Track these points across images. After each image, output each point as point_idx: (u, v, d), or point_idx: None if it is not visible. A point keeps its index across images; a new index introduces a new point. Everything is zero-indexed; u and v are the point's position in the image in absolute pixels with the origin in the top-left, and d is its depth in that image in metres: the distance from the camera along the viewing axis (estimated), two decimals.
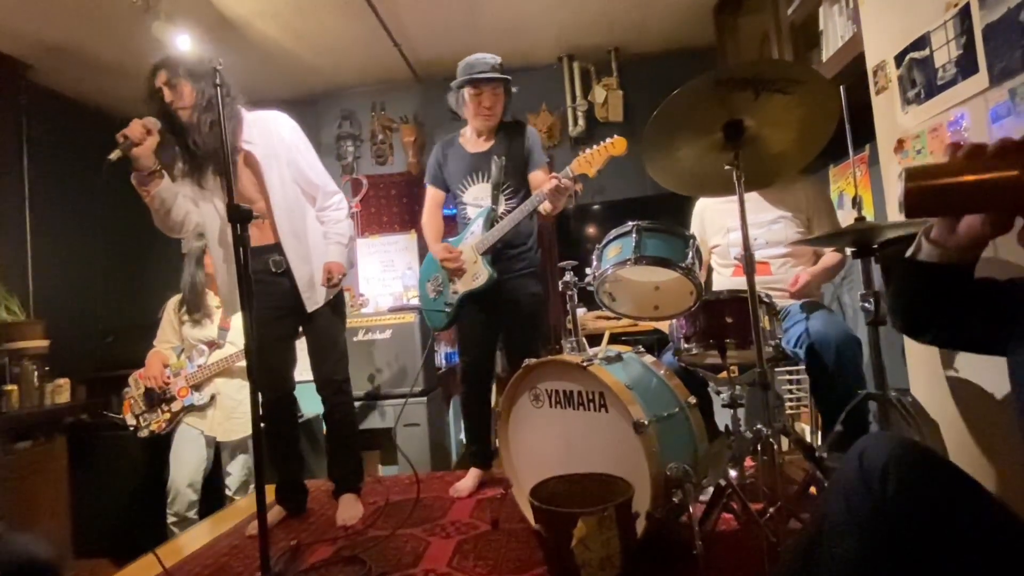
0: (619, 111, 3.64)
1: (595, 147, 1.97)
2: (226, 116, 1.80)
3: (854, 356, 1.62)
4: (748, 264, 1.36)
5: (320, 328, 2.05)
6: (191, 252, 2.67)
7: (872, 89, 1.74)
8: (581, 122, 3.73)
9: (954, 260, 0.85)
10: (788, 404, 2.60)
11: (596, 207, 3.75)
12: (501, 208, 2.12)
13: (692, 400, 1.58)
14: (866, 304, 1.37)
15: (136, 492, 2.95)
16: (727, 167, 1.38)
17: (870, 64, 1.73)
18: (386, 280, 3.91)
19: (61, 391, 3.06)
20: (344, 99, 3.97)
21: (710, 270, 2.22)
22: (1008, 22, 1.22)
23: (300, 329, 2.10)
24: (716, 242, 2.14)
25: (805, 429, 2.51)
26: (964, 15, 1.35)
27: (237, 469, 2.63)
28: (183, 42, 2.83)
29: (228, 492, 2.63)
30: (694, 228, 2.21)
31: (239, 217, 1.49)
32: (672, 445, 1.43)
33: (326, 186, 2.06)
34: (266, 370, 2.01)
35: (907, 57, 1.56)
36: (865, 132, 1.85)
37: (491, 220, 2.10)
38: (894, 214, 1.68)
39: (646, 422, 1.36)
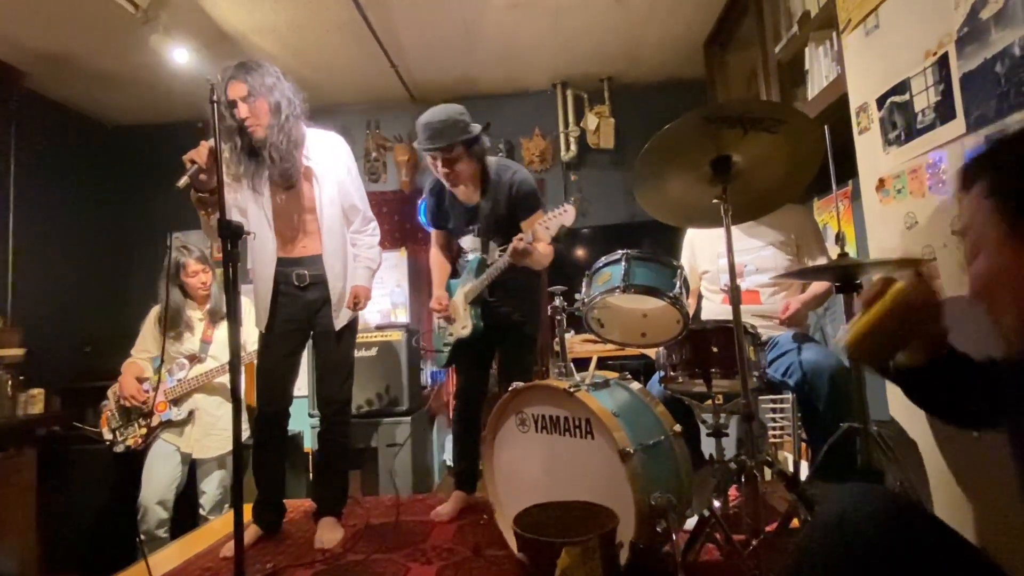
0: (610, 138, 3.71)
1: (552, 214, 1.91)
2: (296, 136, 1.90)
3: (847, 387, 1.65)
4: (734, 294, 1.39)
5: (336, 348, 2.07)
6: (164, 268, 2.63)
7: (855, 129, 1.79)
8: (573, 147, 3.79)
9: (923, 362, 0.92)
10: (771, 432, 2.62)
11: (585, 231, 3.79)
12: (493, 256, 2.12)
13: (677, 428, 1.58)
14: None
15: (107, 508, 2.87)
16: (715, 201, 1.41)
17: (853, 105, 1.79)
18: (374, 297, 3.86)
19: (35, 401, 2.98)
20: (339, 116, 4.00)
21: (700, 296, 2.25)
22: (985, 72, 1.28)
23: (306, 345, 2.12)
24: (706, 268, 2.17)
25: (788, 458, 2.52)
26: (942, 64, 1.41)
27: (212, 487, 2.57)
28: (180, 55, 2.85)
29: (202, 511, 2.56)
30: (684, 255, 2.25)
31: (230, 233, 1.48)
32: (657, 474, 1.44)
33: (367, 211, 2.12)
34: (268, 383, 2.01)
35: (888, 100, 1.62)
36: (848, 168, 1.91)
37: (481, 269, 2.11)
38: (876, 250, 1.72)
39: (631, 450, 1.37)
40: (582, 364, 2.76)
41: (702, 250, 2.18)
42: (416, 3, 2.85)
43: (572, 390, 1.48)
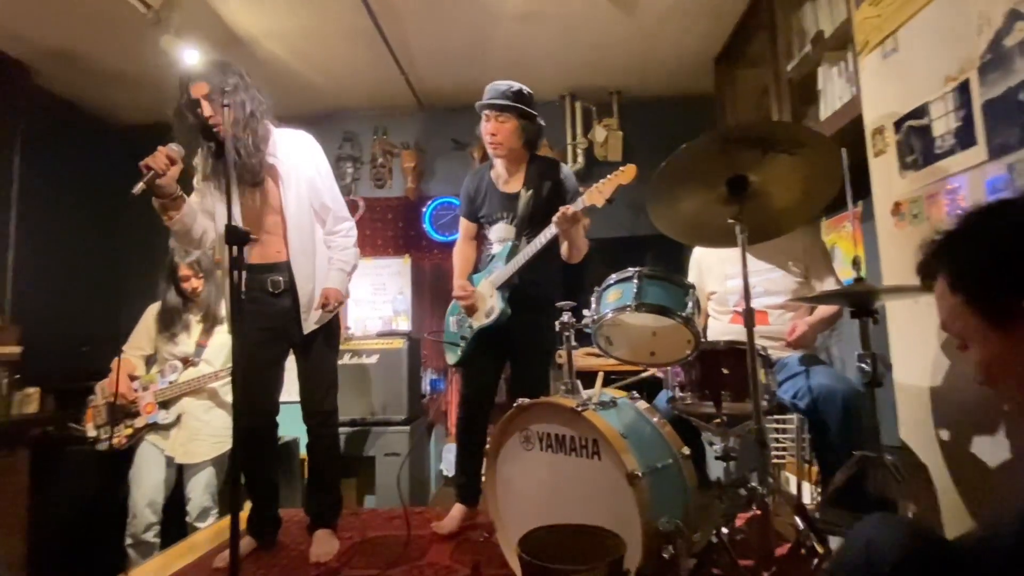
0: (618, 151, 3.70)
1: (606, 177, 1.93)
2: (262, 132, 1.87)
3: (859, 414, 1.62)
4: (748, 317, 1.36)
5: (312, 354, 2.00)
6: (163, 268, 2.61)
7: (870, 151, 1.78)
8: (580, 159, 3.78)
9: None
10: (774, 451, 2.58)
11: (593, 243, 3.76)
12: (523, 245, 2.08)
13: (685, 451, 1.55)
14: (863, 365, 1.37)
15: (97, 511, 2.82)
16: (730, 221, 1.39)
17: (869, 127, 1.77)
18: (376, 303, 3.86)
19: (29, 401, 2.95)
20: (347, 121, 3.99)
21: (707, 316, 2.22)
22: (1008, 100, 1.26)
23: (290, 353, 2.06)
24: (714, 289, 2.15)
25: (791, 479, 2.49)
26: (963, 90, 1.39)
27: (198, 493, 2.49)
28: (191, 57, 2.83)
29: (188, 518, 2.50)
30: (691, 274, 2.22)
31: (236, 239, 1.46)
32: (664, 498, 1.40)
33: (339, 211, 2.05)
34: (249, 394, 1.96)
35: (905, 124, 1.60)
36: (860, 188, 1.89)
37: (512, 255, 2.08)
38: (890, 274, 1.70)
39: (640, 474, 1.33)
40: (585, 377, 2.71)
41: (710, 271, 2.16)
42: (429, 13, 2.85)
43: (580, 409, 1.45)
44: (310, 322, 1.97)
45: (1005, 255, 0.70)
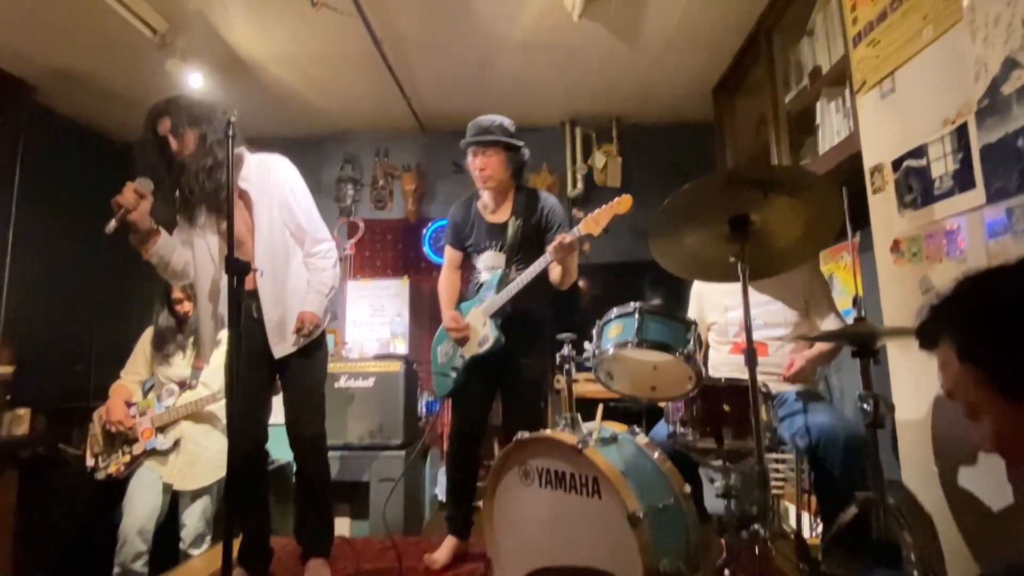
0: (617, 177, 3.73)
1: (603, 207, 1.97)
2: (222, 158, 1.83)
3: (861, 455, 1.61)
4: (750, 358, 1.36)
5: (293, 378, 1.96)
6: (158, 291, 2.60)
7: (869, 187, 1.79)
8: (580, 185, 3.80)
9: None
10: (773, 481, 2.56)
11: (590, 268, 3.77)
12: (514, 274, 2.09)
13: (687, 489, 1.54)
14: (864, 406, 1.36)
15: (86, 535, 2.77)
16: (732, 259, 1.39)
17: (867, 165, 1.79)
18: (374, 325, 3.84)
19: (20, 421, 2.90)
20: (348, 143, 4.02)
21: (707, 346, 2.22)
22: (1006, 146, 1.28)
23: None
24: (714, 320, 2.15)
25: (789, 509, 2.46)
26: (961, 133, 1.41)
27: (193, 520, 2.46)
28: (195, 80, 2.86)
29: (182, 545, 2.46)
30: (692, 305, 2.23)
31: (237, 270, 1.45)
32: (666, 539, 1.39)
33: (316, 233, 2.02)
34: (238, 421, 1.92)
35: (904, 164, 1.62)
36: (858, 218, 1.90)
37: (504, 284, 2.08)
38: (890, 311, 1.71)
39: (641, 515, 1.32)
40: (585, 405, 2.70)
41: (710, 301, 2.16)
42: (432, 40, 2.89)
43: (580, 447, 1.43)
44: (286, 345, 1.93)
45: (1018, 326, 0.69)
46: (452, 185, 3.93)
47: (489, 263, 2.16)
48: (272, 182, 1.96)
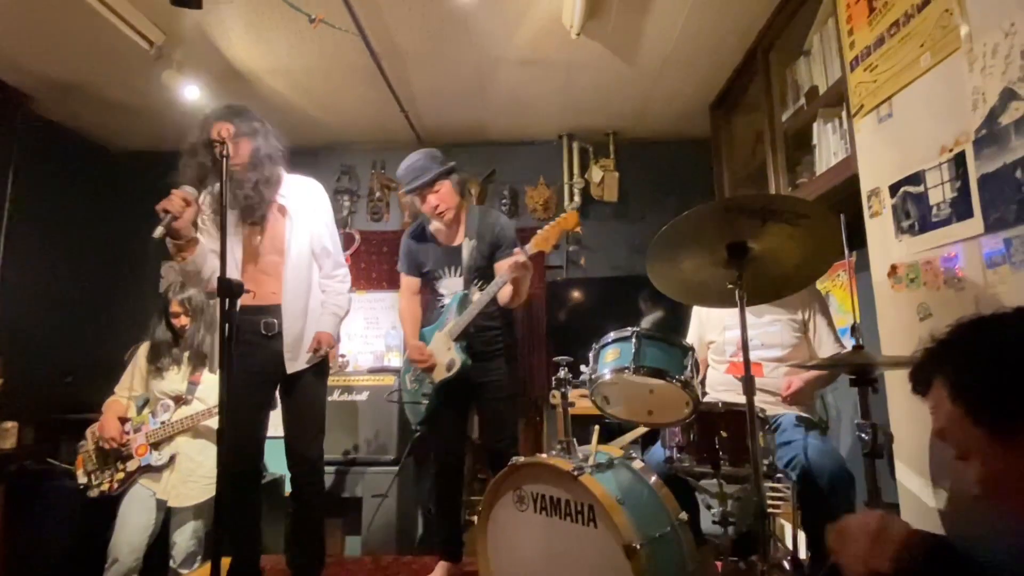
0: (614, 192, 3.72)
1: (549, 223, 1.97)
2: (269, 176, 1.92)
3: (847, 491, 1.60)
4: (748, 386, 1.34)
5: (300, 396, 1.97)
6: (156, 304, 2.59)
7: (866, 211, 1.79)
8: (577, 198, 3.79)
9: None
10: (769, 499, 2.54)
11: (586, 281, 3.76)
12: (475, 295, 2.10)
13: (683, 516, 1.52)
14: (863, 435, 1.35)
15: (75, 551, 2.72)
16: (730, 285, 1.38)
17: (864, 188, 1.79)
18: (368, 338, 3.82)
19: (7, 435, 2.86)
20: (345, 154, 4.00)
21: (706, 365, 2.20)
22: (1004, 176, 1.28)
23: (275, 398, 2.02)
24: (713, 338, 2.14)
25: (786, 527, 2.45)
26: (959, 161, 1.41)
27: (184, 538, 2.42)
28: (191, 92, 2.85)
29: (173, 563, 2.42)
30: (693, 323, 2.22)
31: (229, 292, 1.43)
32: (662, 568, 1.37)
33: (338, 256, 2.10)
34: (235, 439, 1.90)
35: (901, 189, 1.62)
36: (854, 238, 1.90)
37: (464, 305, 2.09)
38: (887, 336, 1.70)
39: (637, 546, 1.30)
40: (580, 421, 2.67)
41: (709, 319, 2.16)
42: (430, 55, 2.88)
43: (576, 474, 1.42)
44: (298, 362, 1.95)
45: (1012, 369, 0.69)
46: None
47: (450, 287, 2.17)
48: (305, 202, 2.02)
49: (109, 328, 3.74)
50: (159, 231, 1.62)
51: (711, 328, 2.15)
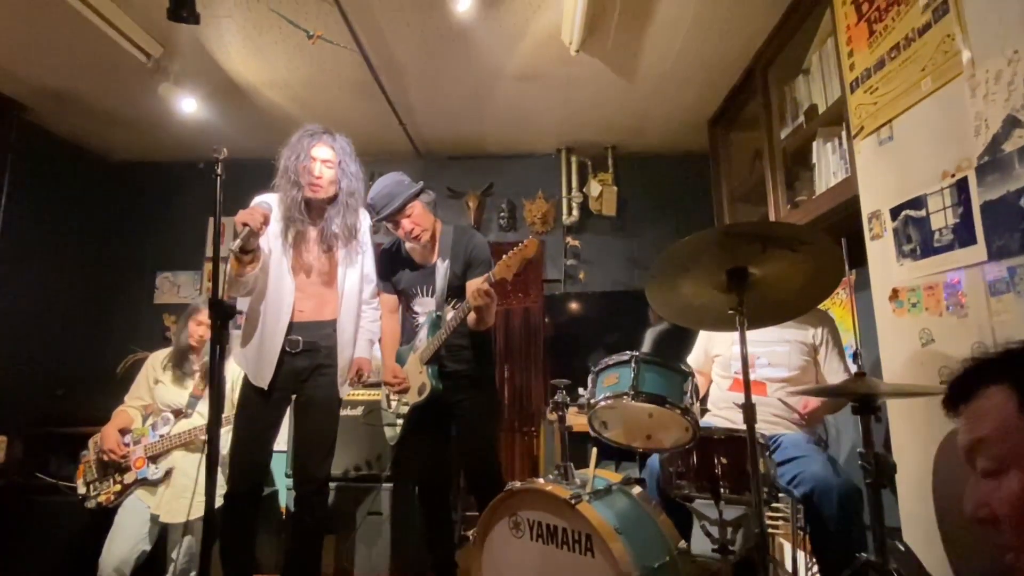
0: (612, 206, 3.71)
1: (512, 251, 1.93)
2: (352, 208, 2.02)
3: (857, 509, 1.57)
4: (748, 413, 1.32)
5: (315, 418, 1.98)
6: (186, 311, 2.57)
7: (867, 233, 1.78)
8: (575, 212, 3.78)
9: None
10: (769, 521, 2.51)
11: (583, 295, 3.74)
12: (448, 315, 2.08)
13: (682, 545, 1.49)
14: (865, 464, 1.33)
15: (65, 567, 2.67)
16: (730, 311, 1.36)
17: (865, 210, 1.78)
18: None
19: None
20: None
21: (710, 381, 2.18)
22: (1007, 204, 1.26)
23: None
24: (720, 351, 2.12)
25: (785, 545, 2.42)
26: (962, 187, 1.40)
27: (179, 554, 2.38)
28: (188, 105, 2.83)
29: None
30: (700, 334, 2.20)
31: (222, 314, 1.41)
32: None
33: (373, 284, 2.17)
34: (243, 456, 1.89)
35: (903, 213, 1.60)
36: (854, 256, 1.88)
37: (436, 327, 2.07)
38: (888, 361, 1.68)
39: None
40: (578, 438, 2.64)
41: (717, 332, 2.13)
42: (429, 70, 2.88)
43: (573, 502, 1.39)
44: (344, 388, 2.01)
45: None
46: (447, 210, 3.89)
47: (424, 307, 2.17)
48: (363, 236, 2.10)
49: (102, 340, 3.70)
50: (237, 244, 1.63)
51: (719, 341, 2.12)
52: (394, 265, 2.23)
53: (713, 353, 2.14)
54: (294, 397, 2.01)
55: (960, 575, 1.40)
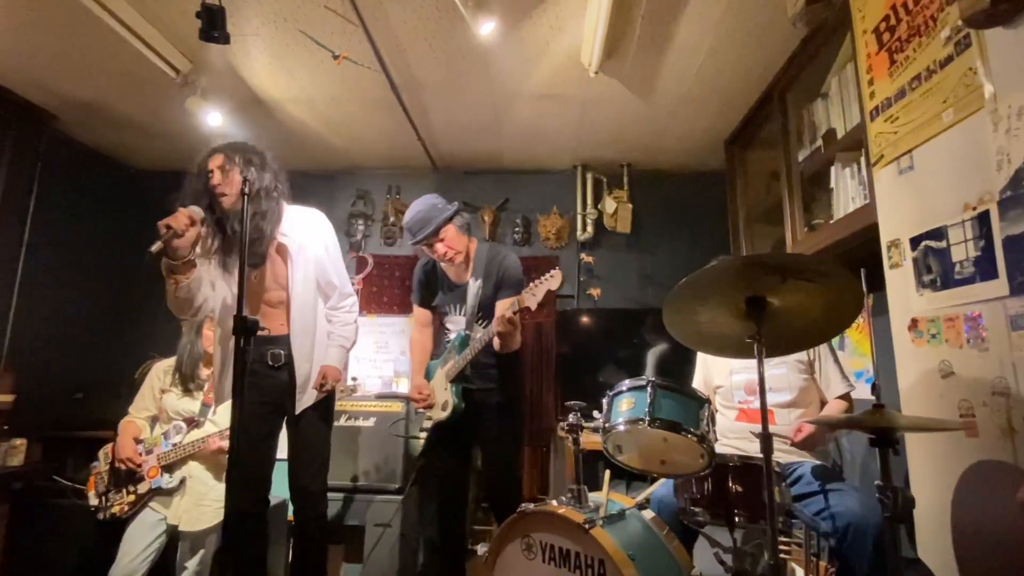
0: (627, 223, 3.73)
1: (539, 280, 1.93)
2: (271, 211, 1.88)
3: (889, 547, 1.54)
4: (765, 444, 1.32)
5: (305, 431, 1.96)
6: (192, 320, 2.59)
7: (886, 261, 1.77)
8: (590, 229, 3.80)
9: None
10: (781, 545, 2.48)
11: (596, 312, 3.74)
12: (476, 335, 2.10)
13: (696, 571, 1.49)
14: (884, 498, 1.31)
15: (80, 571, 2.70)
16: (748, 339, 1.37)
17: (884, 238, 1.77)
18: (377, 362, 3.81)
19: (16, 452, 2.86)
20: (361, 179, 4.05)
21: (714, 411, 2.17)
22: None
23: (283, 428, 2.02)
24: (719, 383, 2.11)
25: (797, 571, 2.38)
26: (983, 220, 1.39)
27: (193, 565, 2.40)
28: (213, 119, 2.90)
29: None
30: (698, 367, 2.19)
31: (244, 330, 1.43)
32: None
33: (343, 287, 2.07)
34: (242, 471, 1.89)
35: (923, 243, 1.60)
36: (872, 279, 1.87)
37: (464, 346, 2.09)
38: (906, 392, 1.66)
39: None
40: (589, 457, 2.63)
41: (716, 363, 2.13)
42: (449, 88, 2.92)
43: (587, 527, 1.39)
44: (304, 401, 1.94)
45: None
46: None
47: (455, 324, 2.19)
48: (308, 237, 2.00)
49: (120, 346, 3.77)
50: (157, 246, 1.59)
51: (717, 372, 2.12)
52: (430, 282, 2.27)
53: (714, 384, 2.13)
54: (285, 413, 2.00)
55: None
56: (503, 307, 1.99)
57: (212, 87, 2.84)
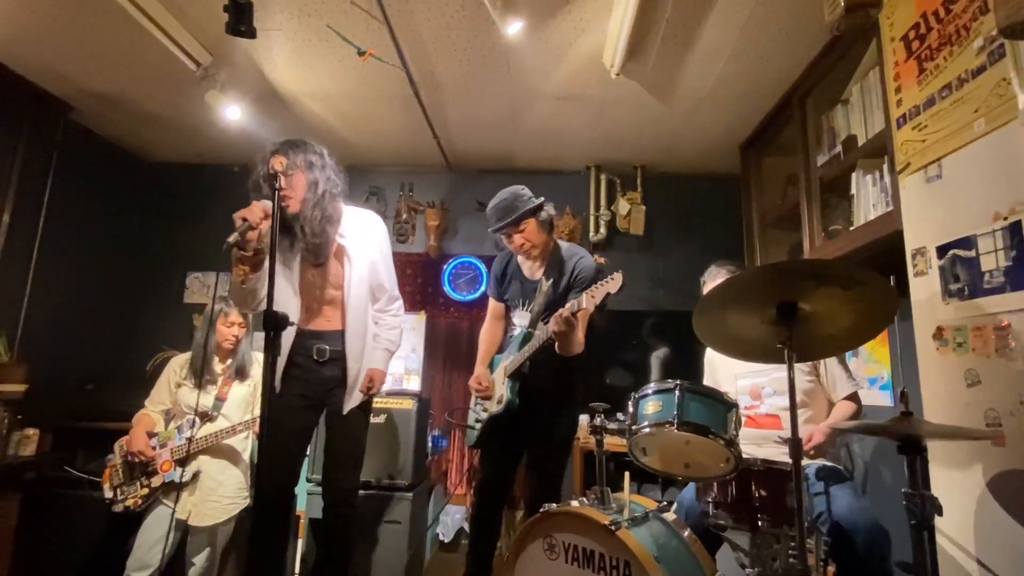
0: (640, 225, 3.73)
1: (598, 284, 1.91)
2: (335, 213, 1.92)
3: (883, 549, 1.55)
4: (794, 449, 1.32)
5: (347, 431, 1.99)
6: (207, 313, 2.59)
7: (910, 269, 1.77)
8: (603, 230, 3.80)
9: None
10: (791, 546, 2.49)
11: (607, 313, 3.74)
12: (538, 332, 2.08)
13: (719, 574, 1.49)
14: (912, 507, 1.32)
15: (92, 562, 2.71)
16: (779, 345, 1.37)
17: (909, 246, 1.77)
18: None
19: (28, 442, 2.87)
20: (374, 175, 4.05)
21: None
22: None
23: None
24: (726, 388, 2.11)
25: None
26: (1015, 230, 1.40)
27: (201, 557, 2.41)
28: (232, 112, 2.90)
29: None
30: (705, 372, 2.20)
31: (274, 324, 1.44)
32: None
33: (393, 290, 2.10)
34: (273, 460, 1.90)
35: (951, 252, 1.60)
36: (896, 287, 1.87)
37: (525, 343, 2.08)
38: (930, 400, 1.67)
39: None
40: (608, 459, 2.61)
41: (721, 368, 2.14)
42: (469, 87, 2.92)
43: (613, 528, 1.39)
44: (351, 401, 1.96)
45: None
46: (474, 223, 3.94)
47: (520, 320, 2.17)
48: (366, 239, 2.03)
49: (132, 338, 3.77)
50: (234, 237, 1.58)
51: (723, 377, 2.13)
52: (505, 274, 2.27)
53: (721, 389, 2.14)
54: (325, 409, 2.03)
55: None
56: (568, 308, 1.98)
57: (231, 81, 2.84)
